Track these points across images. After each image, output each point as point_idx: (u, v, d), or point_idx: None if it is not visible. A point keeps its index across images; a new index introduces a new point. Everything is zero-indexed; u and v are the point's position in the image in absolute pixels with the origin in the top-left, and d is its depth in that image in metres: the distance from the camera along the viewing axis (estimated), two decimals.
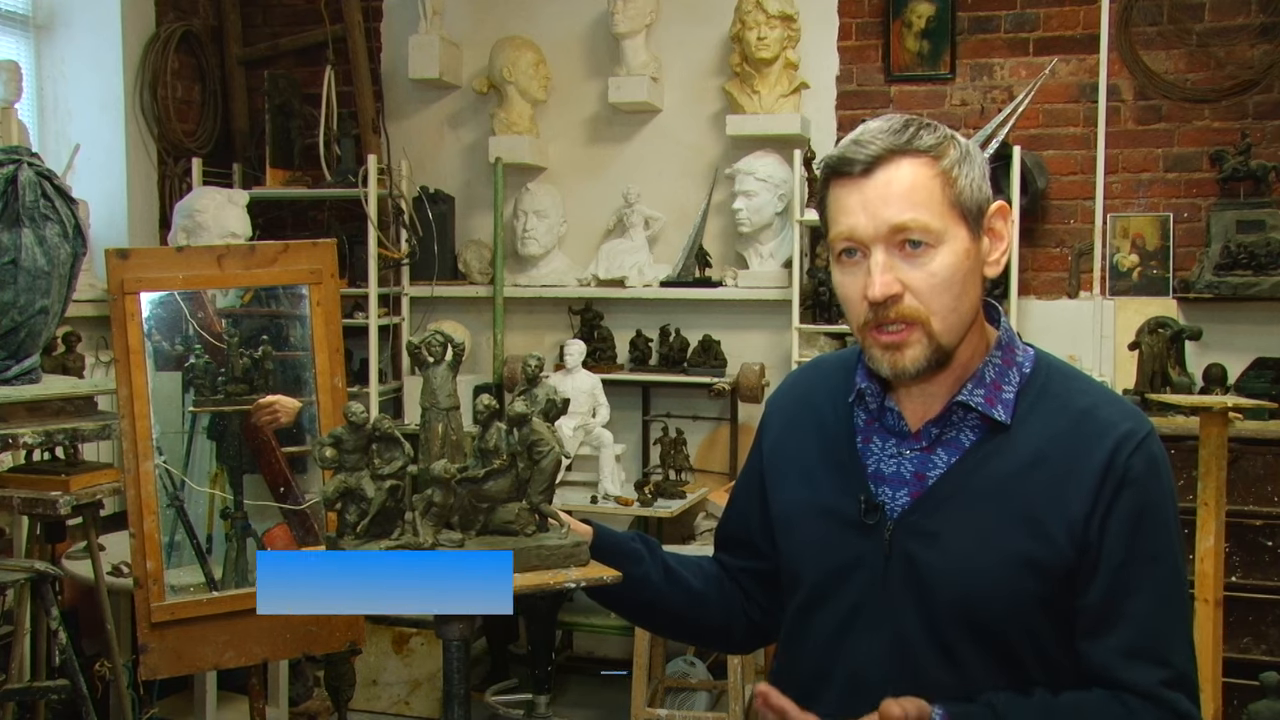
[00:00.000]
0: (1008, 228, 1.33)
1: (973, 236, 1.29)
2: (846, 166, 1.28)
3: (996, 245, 1.33)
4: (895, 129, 1.28)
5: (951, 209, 1.27)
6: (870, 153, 1.26)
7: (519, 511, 1.42)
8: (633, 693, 3.46)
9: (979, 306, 1.33)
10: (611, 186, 4.44)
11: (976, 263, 1.31)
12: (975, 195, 1.29)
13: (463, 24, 4.63)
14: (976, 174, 1.30)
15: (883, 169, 1.26)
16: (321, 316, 2.51)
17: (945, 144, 1.28)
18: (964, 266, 1.28)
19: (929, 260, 1.26)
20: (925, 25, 4.15)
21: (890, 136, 1.27)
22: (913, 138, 1.27)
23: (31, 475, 2.79)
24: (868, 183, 1.27)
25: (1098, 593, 1.26)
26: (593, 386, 4.03)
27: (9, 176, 2.40)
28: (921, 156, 1.27)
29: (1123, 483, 1.26)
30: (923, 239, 1.25)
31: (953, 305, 1.27)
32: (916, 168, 1.26)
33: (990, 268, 1.33)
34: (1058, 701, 1.26)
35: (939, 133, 1.29)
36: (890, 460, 1.36)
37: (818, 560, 1.39)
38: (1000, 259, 1.33)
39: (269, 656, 2.54)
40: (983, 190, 1.30)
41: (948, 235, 1.27)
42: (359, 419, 1.47)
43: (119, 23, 4.26)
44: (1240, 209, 3.78)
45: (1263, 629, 3.46)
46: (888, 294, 1.25)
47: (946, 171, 1.27)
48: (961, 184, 1.28)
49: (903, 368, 1.28)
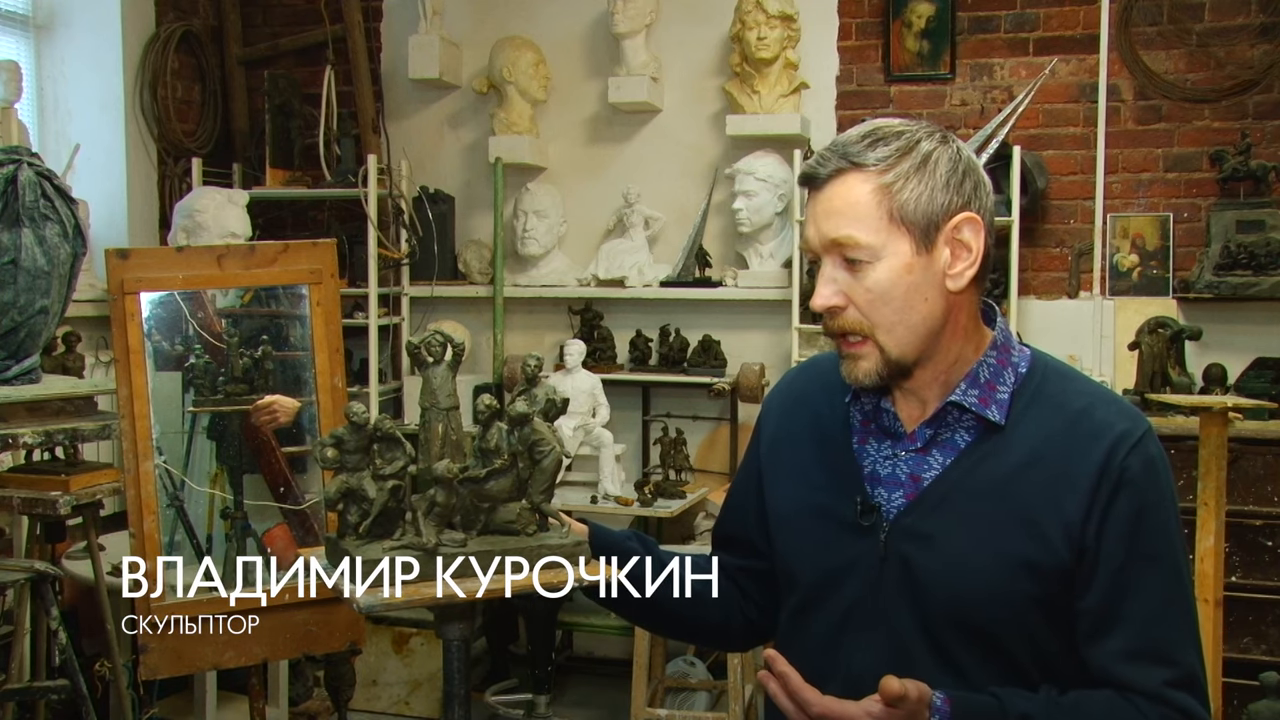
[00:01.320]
0: (978, 239, 1.29)
1: (919, 250, 1.27)
2: (808, 181, 1.33)
3: (960, 258, 1.29)
4: (854, 140, 1.30)
5: (890, 223, 1.27)
6: (826, 170, 1.30)
7: (520, 511, 1.42)
8: (633, 693, 3.46)
9: (946, 317, 1.31)
10: (611, 186, 4.44)
11: (926, 276, 1.28)
12: (923, 208, 1.27)
13: (463, 24, 4.63)
14: (934, 185, 1.27)
15: (832, 183, 1.29)
16: (321, 316, 2.50)
17: (898, 156, 1.27)
18: (904, 281, 1.27)
19: (866, 274, 1.28)
20: (925, 25, 4.15)
21: (848, 147, 1.29)
22: (863, 150, 1.28)
23: (31, 475, 2.79)
24: (821, 195, 1.30)
25: (1098, 595, 1.26)
26: (593, 386, 4.03)
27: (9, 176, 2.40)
28: (864, 171, 1.27)
29: (1119, 484, 1.26)
30: (855, 255, 1.28)
31: (895, 319, 1.28)
32: (857, 183, 1.28)
33: (951, 280, 1.29)
34: (1063, 697, 1.26)
35: (897, 143, 1.28)
36: (886, 461, 1.36)
37: (813, 561, 1.40)
38: (965, 271, 1.29)
39: (269, 656, 2.54)
40: (936, 202, 1.27)
41: (885, 250, 1.27)
42: (360, 419, 1.47)
43: (119, 23, 4.26)
44: (1240, 209, 3.78)
45: (1263, 629, 3.46)
46: (826, 305, 1.30)
47: (888, 185, 1.27)
48: (905, 197, 1.26)
49: (856, 379, 1.32)
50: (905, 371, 1.32)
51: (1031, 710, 1.23)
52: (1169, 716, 1.25)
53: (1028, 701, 1.24)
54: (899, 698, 1.17)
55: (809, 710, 1.21)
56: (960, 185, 1.29)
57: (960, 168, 1.29)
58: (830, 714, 1.20)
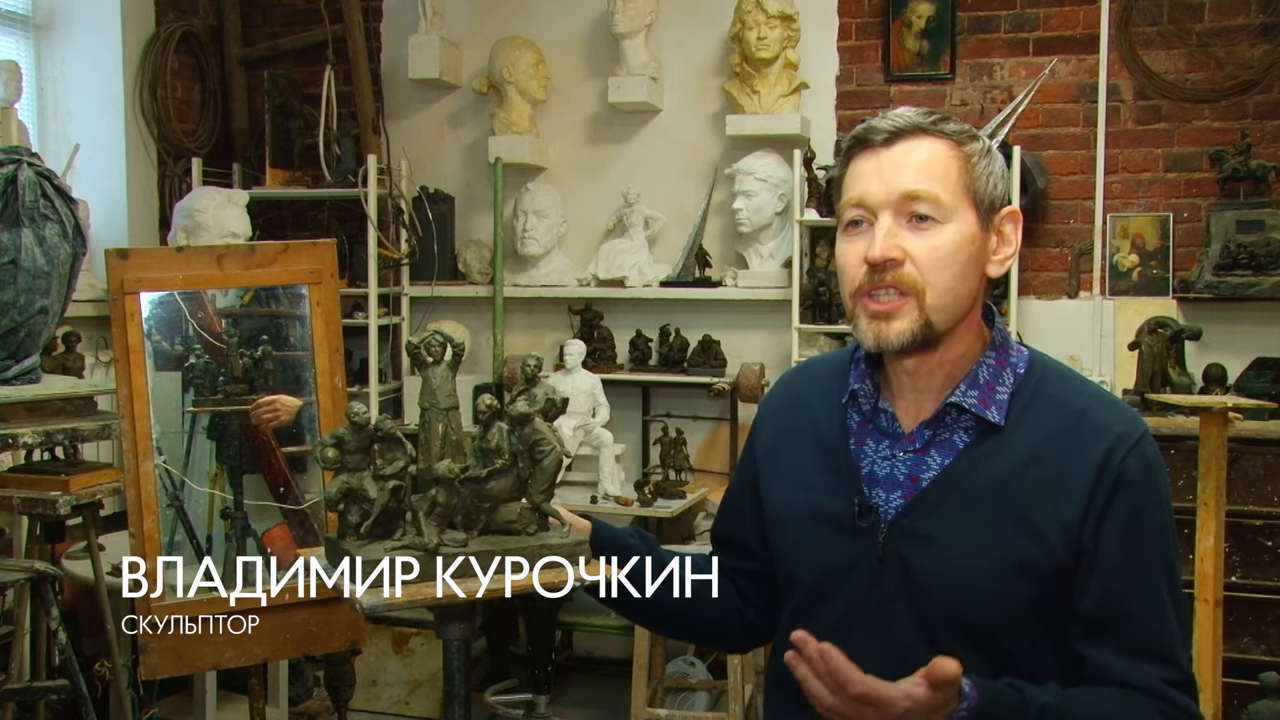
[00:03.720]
0: (1017, 234, 1.35)
1: (981, 227, 1.31)
2: (871, 135, 1.31)
3: (1003, 247, 1.34)
4: (923, 112, 1.32)
5: (965, 192, 1.29)
6: (896, 125, 1.30)
7: (520, 511, 1.42)
8: (633, 693, 3.46)
9: (975, 300, 1.33)
10: (611, 186, 4.44)
11: (981, 253, 1.32)
12: (990, 190, 1.31)
13: (463, 24, 4.63)
14: (996, 172, 1.32)
15: (904, 142, 1.30)
16: (321, 316, 2.50)
17: (968, 135, 1.32)
18: (968, 249, 1.29)
19: (934, 234, 1.28)
20: (925, 25, 4.15)
21: (917, 116, 1.31)
22: (938, 121, 1.31)
23: (31, 475, 2.79)
24: (887, 152, 1.30)
25: (1095, 596, 1.26)
26: (592, 386, 4.03)
27: (9, 176, 2.40)
28: (944, 139, 1.30)
29: (1117, 486, 1.26)
30: (930, 213, 1.27)
31: (950, 284, 1.28)
32: (938, 146, 1.30)
33: (994, 266, 1.34)
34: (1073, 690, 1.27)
35: (966, 126, 1.33)
36: (884, 462, 1.36)
37: (811, 563, 1.39)
38: (1005, 261, 1.34)
39: (269, 656, 2.54)
40: (999, 189, 1.33)
41: (957, 215, 1.29)
42: (361, 419, 1.47)
43: (119, 23, 4.26)
44: (1240, 209, 3.78)
45: (1263, 629, 3.46)
46: (888, 256, 1.27)
47: (967, 157, 1.30)
48: (979, 172, 1.30)
49: (887, 339, 1.29)
50: (932, 342, 1.30)
51: (1048, 699, 1.23)
52: (1169, 712, 1.26)
53: (1043, 691, 1.24)
54: (950, 681, 1.14)
55: (850, 689, 1.17)
56: (1005, 180, 1.35)
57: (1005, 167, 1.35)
58: (871, 694, 1.17)
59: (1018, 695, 1.22)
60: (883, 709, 1.17)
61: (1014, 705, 1.22)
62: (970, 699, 1.19)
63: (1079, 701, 1.25)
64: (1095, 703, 1.25)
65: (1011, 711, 1.21)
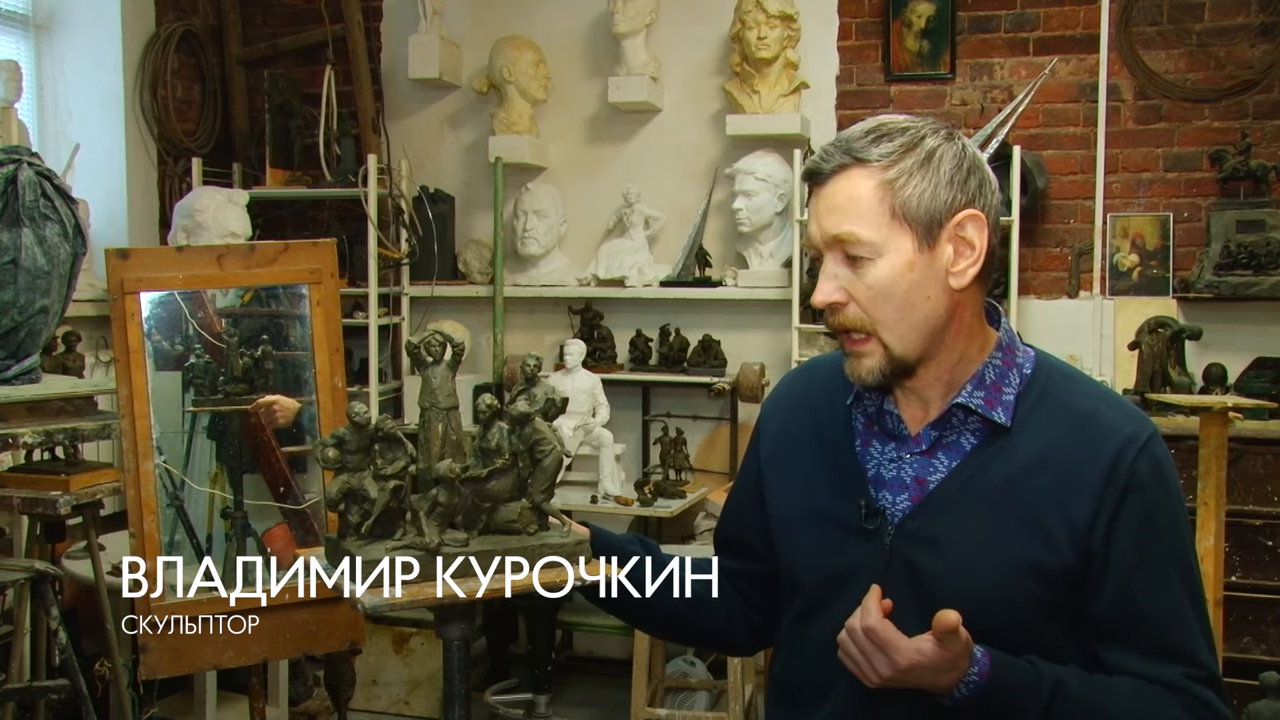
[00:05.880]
0: (982, 236, 1.28)
1: (920, 248, 1.27)
2: (811, 177, 1.32)
3: (963, 255, 1.28)
4: (858, 136, 1.29)
5: (892, 220, 1.26)
6: (829, 165, 1.29)
7: (521, 510, 1.42)
8: (633, 693, 3.46)
9: (950, 315, 1.30)
10: (611, 186, 4.44)
11: (928, 274, 1.27)
12: (926, 204, 1.26)
13: (463, 24, 4.63)
14: (937, 181, 1.26)
15: (835, 179, 1.29)
16: (321, 316, 2.50)
17: (901, 152, 1.27)
18: (905, 279, 1.27)
19: (867, 271, 1.27)
20: (925, 25, 4.15)
21: (852, 143, 1.29)
22: (867, 146, 1.27)
23: (31, 475, 2.79)
24: (822, 192, 1.30)
25: (1111, 599, 1.26)
26: (593, 386, 4.03)
27: (9, 176, 2.40)
28: (867, 167, 1.27)
29: (1128, 487, 1.26)
30: (858, 252, 1.27)
31: (896, 316, 1.28)
32: (860, 179, 1.27)
33: (954, 278, 1.28)
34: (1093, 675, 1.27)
35: (901, 139, 1.27)
36: (890, 464, 1.35)
37: (816, 566, 1.39)
38: (968, 269, 1.29)
39: (269, 656, 2.54)
40: (940, 199, 1.26)
41: (886, 247, 1.26)
42: (362, 419, 1.47)
43: (119, 23, 4.26)
44: (1240, 209, 3.78)
45: (1263, 629, 3.46)
46: (827, 301, 1.29)
47: (891, 181, 1.26)
48: (908, 194, 1.26)
49: (859, 376, 1.32)
50: (909, 370, 1.31)
51: (1065, 676, 1.24)
52: (1193, 706, 1.25)
53: (1061, 670, 1.25)
54: (951, 631, 1.18)
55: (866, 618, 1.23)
56: (965, 182, 1.28)
57: (965, 164, 1.29)
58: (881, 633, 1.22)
59: (1032, 669, 1.23)
60: (891, 656, 1.20)
61: (1027, 678, 1.22)
62: (981, 665, 1.21)
63: (1097, 685, 1.25)
64: (1114, 688, 1.25)
65: (1024, 684, 1.22)
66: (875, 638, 1.22)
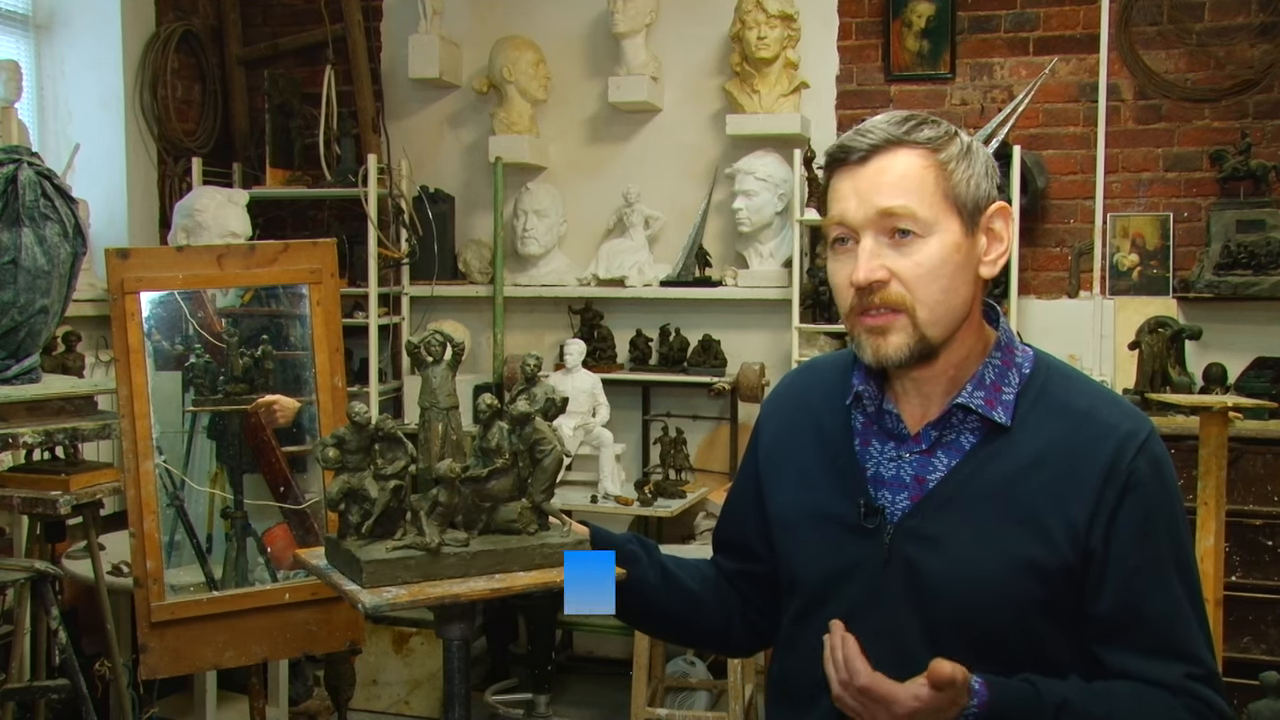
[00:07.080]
0: (1008, 229, 1.33)
1: (966, 232, 1.29)
2: (845, 154, 1.30)
3: (994, 246, 1.32)
4: (896, 121, 1.29)
5: (944, 201, 1.27)
6: (869, 141, 1.28)
7: (521, 510, 1.42)
8: (633, 693, 3.46)
9: (972, 305, 1.32)
10: (611, 186, 4.44)
11: (969, 259, 1.30)
12: (972, 191, 1.29)
13: (463, 24, 4.63)
14: (977, 171, 1.30)
15: (879, 158, 1.28)
16: (321, 316, 2.50)
17: (945, 139, 1.29)
18: (953, 260, 1.28)
19: (916, 249, 1.26)
20: (925, 25, 4.15)
21: (891, 127, 1.29)
22: (912, 130, 1.28)
23: (31, 475, 2.79)
24: (863, 170, 1.28)
25: (1111, 598, 1.26)
26: (593, 386, 4.03)
27: (9, 176, 2.40)
28: (919, 148, 1.28)
29: (1127, 486, 1.26)
30: (910, 227, 1.26)
31: (939, 297, 1.27)
32: (912, 158, 1.27)
33: (986, 267, 1.32)
34: (1093, 684, 1.26)
35: (941, 128, 1.30)
36: (889, 463, 1.35)
37: (815, 565, 1.38)
38: (997, 260, 1.32)
39: (269, 656, 2.54)
40: (981, 188, 1.30)
41: (937, 226, 1.27)
42: (362, 419, 1.47)
43: (119, 23, 4.26)
44: (1240, 209, 3.78)
45: (1263, 629, 3.46)
46: (872, 279, 1.26)
47: (943, 164, 1.28)
48: (958, 178, 1.28)
49: (885, 354, 1.29)
50: (931, 354, 1.30)
51: (1068, 694, 1.23)
52: (1194, 706, 1.25)
53: (1062, 686, 1.24)
54: (948, 682, 1.16)
55: (856, 680, 1.21)
56: (993, 177, 1.32)
57: (991, 162, 1.33)
58: (875, 689, 1.20)
59: (1032, 691, 1.22)
60: (889, 706, 1.18)
61: (1028, 701, 1.21)
62: (980, 696, 1.19)
63: (1099, 696, 1.24)
64: (1116, 697, 1.25)
65: (1025, 709, 1.21)
66: (870, 694, 1.20)
